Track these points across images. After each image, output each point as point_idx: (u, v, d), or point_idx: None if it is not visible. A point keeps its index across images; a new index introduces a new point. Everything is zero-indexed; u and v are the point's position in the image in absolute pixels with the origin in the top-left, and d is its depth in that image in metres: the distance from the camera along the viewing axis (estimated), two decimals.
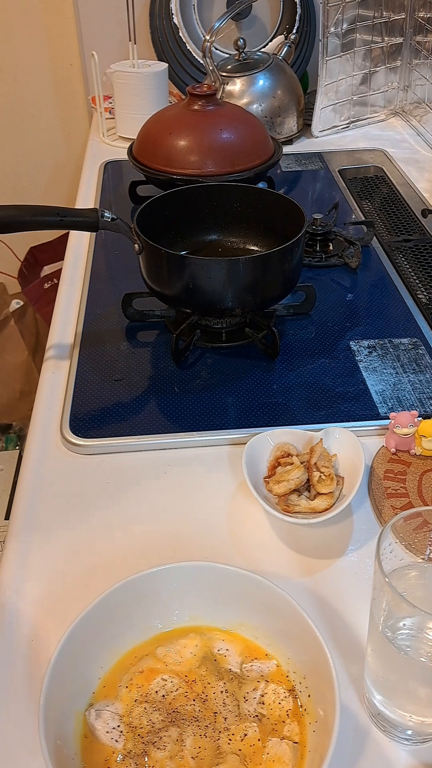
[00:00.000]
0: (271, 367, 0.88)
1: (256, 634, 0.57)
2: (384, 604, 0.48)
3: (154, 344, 0.94)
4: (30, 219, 0.83)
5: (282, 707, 0.52)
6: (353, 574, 0.65)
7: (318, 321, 0.97)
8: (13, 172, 2.01)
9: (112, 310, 0.98)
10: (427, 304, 1.00)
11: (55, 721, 0.49)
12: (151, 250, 0.85)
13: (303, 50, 1.70)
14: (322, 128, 1.58)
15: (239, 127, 1.19)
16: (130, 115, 1.50)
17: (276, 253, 0.84)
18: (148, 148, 1.20)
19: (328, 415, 0.81)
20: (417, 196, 1.31)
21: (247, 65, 1.47)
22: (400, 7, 1.54)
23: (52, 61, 1.87)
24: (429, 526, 0.52)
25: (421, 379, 0.86)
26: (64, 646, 0.51)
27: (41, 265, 1.92)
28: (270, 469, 0.73)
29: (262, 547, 0.67)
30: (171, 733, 0.51)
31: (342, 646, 0.59)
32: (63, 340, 0.95)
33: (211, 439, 0.78)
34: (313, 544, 0.68)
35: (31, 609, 0.62)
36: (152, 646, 0.56)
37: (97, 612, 0.54)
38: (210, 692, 0.53)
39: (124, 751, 0.50)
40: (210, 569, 0.58)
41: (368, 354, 0.90)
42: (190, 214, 0.99)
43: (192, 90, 1.19)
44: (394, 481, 0.72)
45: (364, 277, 1.07)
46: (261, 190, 1.01)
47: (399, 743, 0.53)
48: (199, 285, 0.84)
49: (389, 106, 1.67)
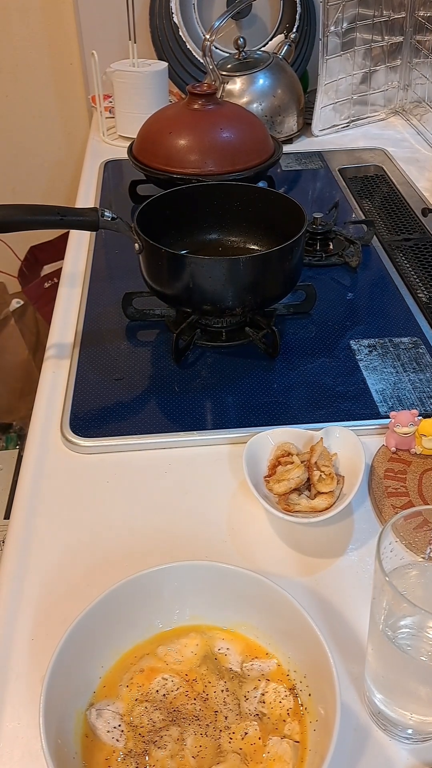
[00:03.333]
0: (271, 367, 0.88)
1: (256, 633, 0.57)
2: (384, 603, 0.48)
3: (154, 343, 0.94)
4: (30, 218, 0.83)
5: (282, 706, 0.52)
6: (354, 573, 0.65)
7: (318, 320, 0.97)
8: (14, 172, 2.01)
9: (112, 310, 0.98)
10: (427, 303, 1.00)
11: (56, 720, 0.49)
12: (151, 250, 0.85)
13: (303, 49, 1.69)
14: (323, 127, 1.58)
15: (239, 127, 1.19)
16: (130, 114, 1.50)
17: (276, 253, 0.84)
18: (148, 148, 1.20)
19: (329, 414, 0.81)
20: (417, 195, 1.31)
21: (247, 64, 1.47)
22: (400, 6, 1.54)
23: (52, 61, 1.87)
24: (429, 525, 0.52)
25: (422, 378, 0.86)
26: (64, 646, 0.51)
27: (41, 265, 1.92)
28: (270, 468, 0.73)
29: (262, 546, 0.67)
30: (172, 732, 0.51)
31: (342, 645, 0.59)
32: (63, 339, 0.95)
33: (212, 438, 0.78)
34: (314, 543, 0.68)
35: (31, 609, 0.62)
36: (153, 645, 0.56)
37: (97, 611, 0.54)
38: (211, 691, 0.53)
39: (125, 750, 0.50)
40: (210, 568, 0.58)
41: (368, 353, 0.90)
42: (190, 214, 0.99)
43: (192, 89, 1.19)
44: (395, 480, 0.72)
45: (365, 276, 1.07)
46: (261, 189, 1.01)
47: (399, 742, 0.53)
48: (199, 284, 0.84)
49: (389, 105, 1.67)
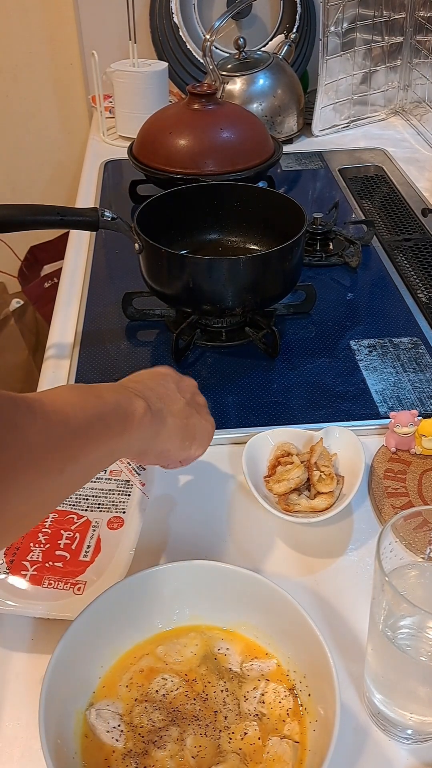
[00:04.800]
0: (271, 367, 0.88)
1: (256, 634, 0.57)
2: (384, 604, 0.48)
3: (154, 343, 0.94)
4: (30, 218, 0.83)
5: (282, 706, 0.52)
6: (353, 573, 0.65)
7: (318, 320, 0.97)
8: (13, 172, 2.01)
9: (112, 309, 0.98)
10: (427, 303, 1.00)
11: (56, 720, 0.49)
12: (151, 250, 0.85)
13: (303, 49, 1.70)
14: (323, 127, 1.58)
15: (239, 127, 1.19)
16: (130, 114, 1.50)
17: (276, 253, 0.84)
18: (148, 148, 1.20)
19: (328, 414, 0.81)
20: (417, 195, 1.31)
21: (248, 64, 1.47)
22: (400, 7, 1.54)
23: (52, 61, 1.87)
24: (429, 526, 0.52)
25: (421, 378, 0.86)
26: (64, 646, 0.51)
27: (41, 265, 1.92)
28: (270, 468, 0.73)
29: (262, 546, 0.68)
30: (171, 732, 0.51)
31: (342, 646, 0.59)
32: (63, 339, 0.95)
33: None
34: (314, 543, 0.68)
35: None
36: (152, 645, 0.56)
37: (97, 611, 0.54)
38: (210, 691, 0.53)
39: (124, 750, 0.50)
40: (210, 568, 0.58)
41: (368, 353, 0.90)
42: (190, 214, 0.99)
43: (192, 89, 1.19)
44: (394, 480, 0.72)
45: (364, 276, 1.07)
46: (261, 189, 1.01)
47: (399, 742, 0.53)
48: (199, 284, 0.84)
49: (389, 105, 1.67)
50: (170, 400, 0.59)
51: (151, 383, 0.59)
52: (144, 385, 0.58)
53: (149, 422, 0.54)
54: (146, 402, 0.54)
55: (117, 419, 0.50)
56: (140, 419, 0.53)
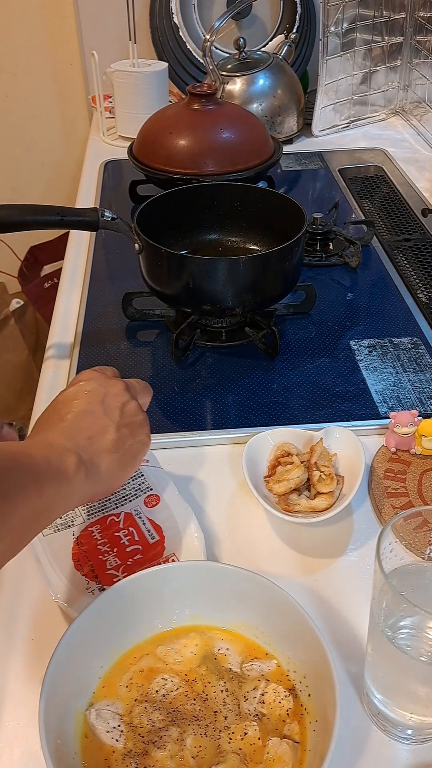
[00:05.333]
0: (271, 367, 0.88)
1: (256, 634, 0.57)
2: (384, 604, 0.48)
3: (154, 343, 0.94)
4: (30, 218, 0.83)
5: (282, 706, 0.52)
6: (353, 573, 0.65)
7: (318, 320, 0.97)
8: (13, 172, 2.01)
9: (112, 310, 0.98)
10: (427, 303, 1.00)
11: (56, 720, 0.49)
12: (151, 250, 0.85)
13: (303, 49, 1.70)
14: (323, 127, 1.58)
15: (239, 127, 1.19)
16: (130, 114, 1.50)
17: (276, 253, 0.84)
18: (148, 148, 1.20)
19: (328, 414, 0.81)
20: (417, 195, 1.31)
21: (247, 64, 1.47)
22: (400, 7, 1.54)
23: (52, 61, 1.87)
24: (429, 526, 0.52)
25: (421, 378, 0.86)
26: (64, 645, 0.51)
27: (41, 265, 1.92)
28: (270, 468, 0.73)
29: (262, 546, 0.68)
30: (171, 732, 0.51)
31: (342, 646, 0.59)
32: (63, 339, 0.95)
33: (211, 438, 0.78)
34: (314, 543, 0.68)
35: (30, 609, 0.62)
36: (152, 645, 0.56)
37: (97, 611, 0.54)
38: (210, 691, 0.53)
39: (124, 750, 0.50)
40: (210, 568, 0.58)
41: (368, 353, 0.90)
42: (190, 214, 0.99)
43: (192, 89, 1.19)
44: (394, 480, 0.72)
45: (364, 276, 1.07)
46: (261, 189, 1.01)
47: (399, 743, 0.53)
48: (199, 284, 0.84)
49: (389, 105, 1.67)
50: (101, 433, 0.56)
51: (77, 420, 0.56)
52: (72, 427, 0.55)
53: (84, 477, 0.52)
54: (77, 454, 0.52)
55: (50, 480, 0.49)
56: (74, 475, 0.51)
